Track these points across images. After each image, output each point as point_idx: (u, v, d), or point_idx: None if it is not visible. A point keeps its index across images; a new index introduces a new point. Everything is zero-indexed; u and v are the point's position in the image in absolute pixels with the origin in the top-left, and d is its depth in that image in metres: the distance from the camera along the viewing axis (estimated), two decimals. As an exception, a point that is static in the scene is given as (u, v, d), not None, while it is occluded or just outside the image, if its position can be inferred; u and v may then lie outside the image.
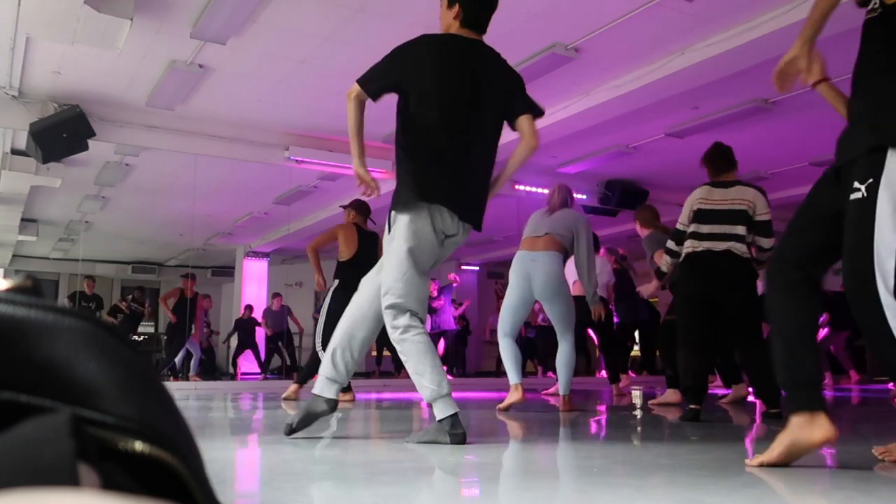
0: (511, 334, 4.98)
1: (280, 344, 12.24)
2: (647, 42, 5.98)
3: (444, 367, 3.24)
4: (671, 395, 5.63)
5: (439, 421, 2.88)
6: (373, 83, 2.99)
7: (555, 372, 5.27)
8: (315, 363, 5.98)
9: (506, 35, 5.85)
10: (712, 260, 4.27)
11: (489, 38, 3.13)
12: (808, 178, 10.01)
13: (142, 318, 12.55)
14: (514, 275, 4.92)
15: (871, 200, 2.04)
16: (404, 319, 2.92)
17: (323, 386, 3.05)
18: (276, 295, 12.45)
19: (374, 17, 5.50)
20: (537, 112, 3.13)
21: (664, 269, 4.84)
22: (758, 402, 5.76)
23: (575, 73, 6.59)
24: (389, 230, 3.02)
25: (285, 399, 6.09)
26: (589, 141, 8.37)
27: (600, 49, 6.10)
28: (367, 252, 5.97)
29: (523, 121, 3.07)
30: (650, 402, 5.81)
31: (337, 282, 5.93)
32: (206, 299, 11.13)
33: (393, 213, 2.99)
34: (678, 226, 4.56)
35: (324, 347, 6.07)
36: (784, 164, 9.30)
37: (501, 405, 4.92)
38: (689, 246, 4.37)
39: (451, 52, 3.02)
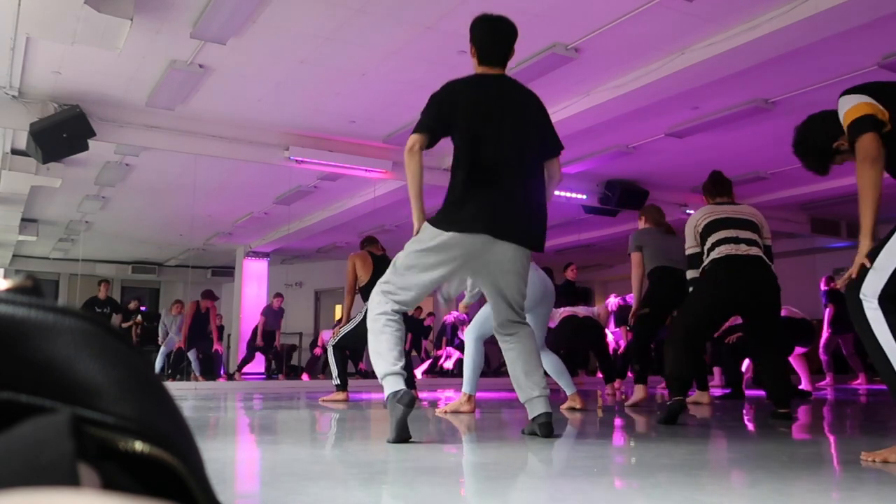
0: (480, 339, 4.89)
1: (274, 346, 12.19)
2: (647, 42, 5.98)
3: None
4: (640, 391, 5.52)
5: (391, 396, 2.97)
6: (429, 132, 3.14)
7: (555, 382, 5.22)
8: (326, 361, 6.47)
9: (506, 35, 5.84)
10: (751, 264, 4.20)
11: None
12: (808, 178, 10.04)
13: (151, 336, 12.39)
14: None
15: None
16: (394, 307, 3.25)
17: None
18: (277, 295, 12.41)
19: (374, 17, 5.50)
20: (560, 150, 3.61)
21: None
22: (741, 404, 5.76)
23: (575, 73, 6.58)
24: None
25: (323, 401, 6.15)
26: (589, 141, 8.37)
27: (600, 49, 6.09)
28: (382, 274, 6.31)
29: (553, 163, 3.58)
30: (625, 404, 5.65)
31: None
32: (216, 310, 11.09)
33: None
34: (690, 250, 4.50)
35: (338, 349, 6.19)
36: (784, 164, 9.27)
37: (444, 408, 4.93)
38: (726, 250, 4.21)
39: (475, 91, 3.24)
